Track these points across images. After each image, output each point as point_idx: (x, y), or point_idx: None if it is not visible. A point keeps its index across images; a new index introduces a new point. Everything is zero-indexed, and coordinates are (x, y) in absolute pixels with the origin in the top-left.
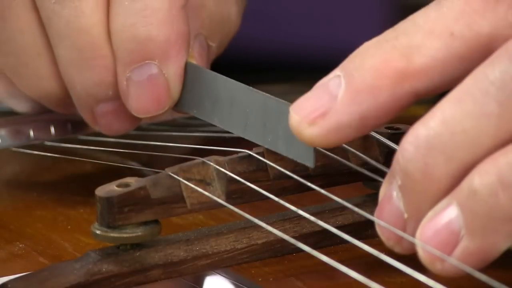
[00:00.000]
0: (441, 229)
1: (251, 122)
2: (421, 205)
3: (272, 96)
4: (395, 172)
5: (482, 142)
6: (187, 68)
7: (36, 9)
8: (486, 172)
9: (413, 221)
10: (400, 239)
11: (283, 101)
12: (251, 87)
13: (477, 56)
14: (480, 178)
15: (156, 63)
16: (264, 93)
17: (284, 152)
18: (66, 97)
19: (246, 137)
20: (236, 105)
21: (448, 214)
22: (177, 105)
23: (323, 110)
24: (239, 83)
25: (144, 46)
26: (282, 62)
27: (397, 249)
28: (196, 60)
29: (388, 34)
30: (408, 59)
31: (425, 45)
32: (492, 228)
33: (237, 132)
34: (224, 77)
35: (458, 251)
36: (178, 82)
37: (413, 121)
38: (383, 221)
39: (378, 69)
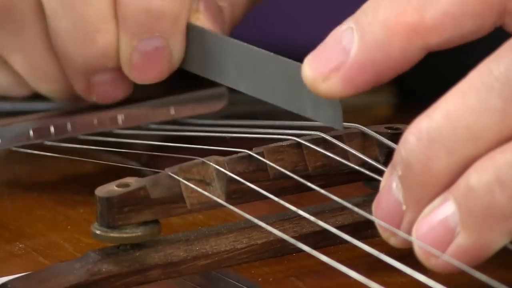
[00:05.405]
0: (437, 225)
1: (277, 88)
2: (420, 197)
3: (291, 60)
4: (396, 163)
5: (484, 138)
6: (194, 31)
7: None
8: (483, 169)
9: (411, 213)
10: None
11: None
12: (269, 52)
13: (490, 14)
14: (478, 176)
15: (164, 36)
16: (283, 57)
17: (312, 116)
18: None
19: (275, 103)
20: (259, 71)
21: (444, 210)
22: (186, 66)
23: (336, 65)
24: (257, 48)
25: (156, 19)
26: None
27: (392, 241)
28: (205, 18)
29: None
30: (420, 14)
31: (439, 0)
32: (487, 225)
33: (266, 98)
34: (236, 41)
35: (452, 247)
36: (181, 53)
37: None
38: (381, 211)
39: (390, 24)
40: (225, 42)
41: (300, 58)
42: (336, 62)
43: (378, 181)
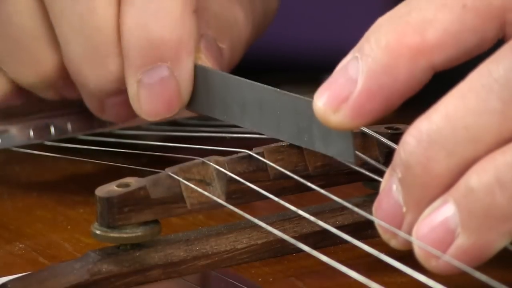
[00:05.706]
0: (437, 227)
1: (284, 124)
2: (420, 199)
3: (300, 96)
4: (396, 165)
5: (483, 139)
6: (198, 71)
7: None
8: (484, 170)
9: (411, 215)
10: (396, 233)
11: (312, 99)
12: (275, 88)
13: (491, 28)
14: (478, 177)
15: (168, 65)
16: (291, 93)
17: (323, 151)
18: (59, 81)
19: (281, 138)
20: (265, 108)
21: (444, 211)
22: (191, 107)
23: (345, 95)
24: (262, 85)
25: (157, 47)
26: (281, 64)
27: (393, 243)
28: (206, 58)
29: (401, 9)
30: (421, 34)
31: (438, 19)
32: (487, 226)
33: (271, 134)
34: (240, 78)
35: (453, 248)
36: (189, 84)
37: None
38: (381, 213)
39: (394, 47)
40: (229, 80)
41: (295, 58)
42: (345, 92)
43: (378, 181)
